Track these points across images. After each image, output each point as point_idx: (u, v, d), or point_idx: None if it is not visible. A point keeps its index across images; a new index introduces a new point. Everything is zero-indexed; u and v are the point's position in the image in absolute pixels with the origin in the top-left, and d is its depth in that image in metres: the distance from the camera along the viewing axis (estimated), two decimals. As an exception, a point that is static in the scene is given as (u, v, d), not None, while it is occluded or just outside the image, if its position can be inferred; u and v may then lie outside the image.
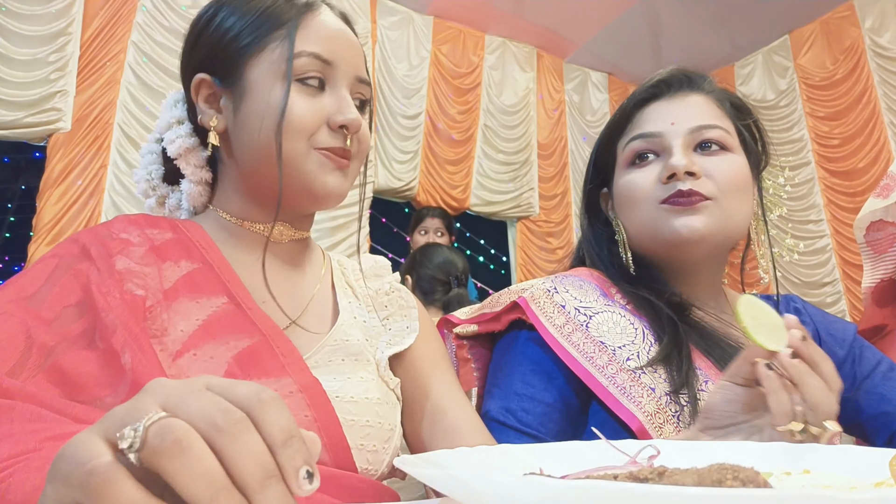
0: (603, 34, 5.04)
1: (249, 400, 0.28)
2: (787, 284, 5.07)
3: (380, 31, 4.42)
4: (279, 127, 0.63)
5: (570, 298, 0.74)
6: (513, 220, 5.04)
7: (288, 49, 0.65)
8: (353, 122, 0.66)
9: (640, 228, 0.78)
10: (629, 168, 0.79)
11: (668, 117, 0.77)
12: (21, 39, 3.21)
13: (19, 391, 0.46)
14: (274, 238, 0.71)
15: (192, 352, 0.57)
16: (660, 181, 0.75)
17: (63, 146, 3.31)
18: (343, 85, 0.67)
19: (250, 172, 0.68)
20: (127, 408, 0.28)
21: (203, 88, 0.69)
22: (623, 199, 0.80)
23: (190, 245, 0.66)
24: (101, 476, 0.25)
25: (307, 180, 0.65)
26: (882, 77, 4.51)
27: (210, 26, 0.70)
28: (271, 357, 0.60)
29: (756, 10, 4.76)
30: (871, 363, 0.82)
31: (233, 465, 0.26)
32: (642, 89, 0.82)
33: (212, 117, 0.68)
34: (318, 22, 0.67)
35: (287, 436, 0.27)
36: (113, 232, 0.65)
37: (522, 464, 0.42)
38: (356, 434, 0.61)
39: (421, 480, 0.31)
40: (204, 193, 0.73)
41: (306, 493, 0.26)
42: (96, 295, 0.56)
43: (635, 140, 0.78)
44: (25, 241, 3.31)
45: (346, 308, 0.72)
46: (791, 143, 5.06)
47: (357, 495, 0.58)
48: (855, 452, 0.41)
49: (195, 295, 0.62)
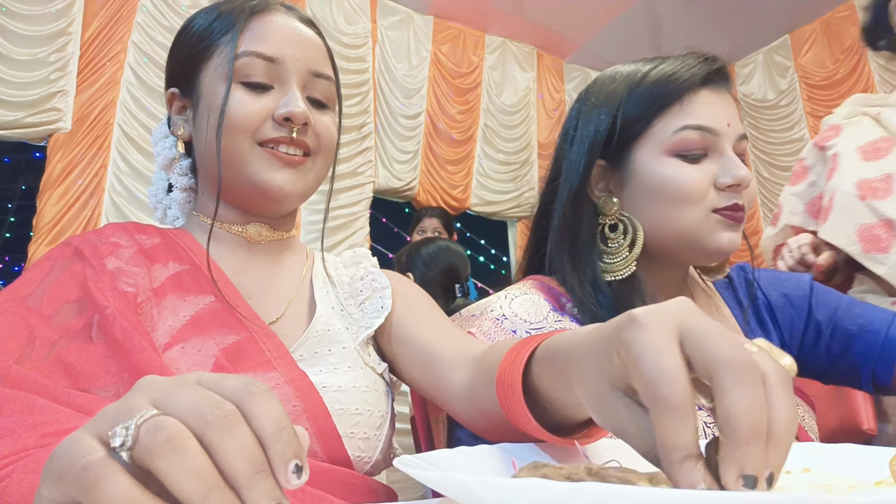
0: (603, 34, 5.04)
1: (239, 392, 0.28)
2: (787, 284, 5.07)
3: (380, 31, 4.42)
4: (219, 128, 0.64)
5: (520, 322, 0.70)
6: (513, 220, 5.03)
7: (231, 50, 0.66)
8: (296, 114, 0.64)
9: (669, 235, 0.71)
10: (675, 158, 0.70)
11: (723, 115, 0.70)
12: (21, 39, 3.21)
13: (25, 378, 0.47)
14: (252, 239, 0.72)
15: (180, 345, 0.58)
16: (714, 186, 0.70)
17: (63, 146, 3.31)
18: (292, 81, 0.67)
19: (209, 175, 0.69)
20: (119, 406, 0.28)
21: (175, 101, 0.73)
22: (660, 192, 0.70)
23: (177, 248, 0.68)
24: (96, 471, 0.25)
25: (254, 178, 0.65)
26: (882, 77, 4.51)
27: (178, 41, 0.73)
28: (257, 352, 0.61)
29: (756, 10, 4.76)
30: (830, 306, 0.81)
31: (222, 460, 0.26)
32: (698, 68, 0.71)
33: (180, 127, 0.72)
34: (266, 22, 0.68)
35: (277, 427, 0.27)
36: (102, 237, 0.67)
37: (523, 463, 0.42)
38: (346, 422, 0.61)
39: (420, 481, 0.31)
40: (190, 200, 0.76)
41: (294, 487, 0.26)
42: (94, 291, 0.57)
43: (690, 130, 0.69)
44: (26, 241, 3.31)
45: (324, 299, 0.72)
46: (791, 143, 5.06)
47: (350, 491, 0.58)
48: (855, 452, 0.41)
49: (183, 293, 0.63)
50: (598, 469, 0.31)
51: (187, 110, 0.72)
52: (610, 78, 0.77)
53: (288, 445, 0.27)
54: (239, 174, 0.66)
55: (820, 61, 4.89)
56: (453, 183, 4.61)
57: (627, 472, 0.31)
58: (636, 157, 0.72)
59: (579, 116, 0.78)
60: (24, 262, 3.32)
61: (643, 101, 0.72)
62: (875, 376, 0.76)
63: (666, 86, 0.71)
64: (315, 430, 0.59)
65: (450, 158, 4.62)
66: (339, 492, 0.57)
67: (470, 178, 4.70)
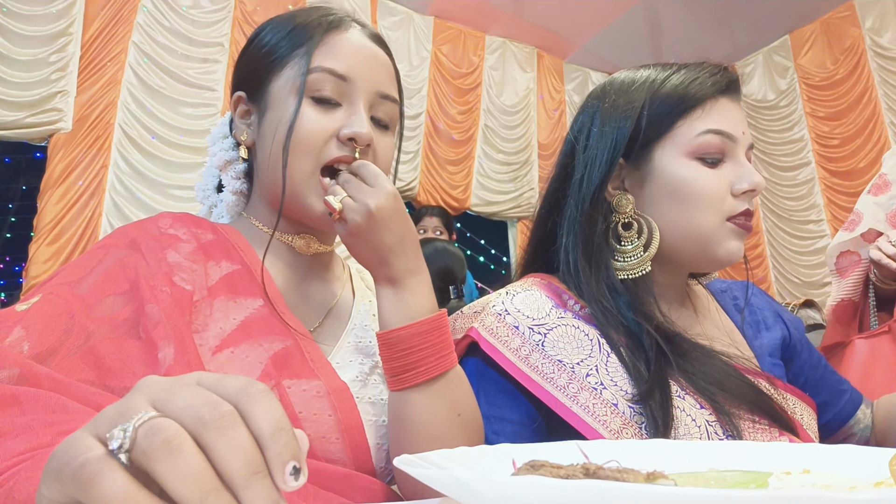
0: (603, 34, 5.04)
1: (238, 393, 0.28)
2: (787, 284, 5.07)
3: (380, 32, 4.42)
4: (286, 142, 0.64)
5: (522, 318, 0.70)
6: (513, 220, 5.04)
7: (304, 64, 0.66)
8: (361, 135, 0.65)
9: (687, 233, 0.72)
10: (696, 162, 0.71)
11: (739, 123, 0.73)
12: (22, 40, 3.22)
13: (46, 377, 0.46)
14: (300, 249, 0.73)
15: (230, 349, 0.59)
16: (730, 192, 0.71)
17: (64, 146, 3.31)
18: (360, 101, 0.67)
19: (268, 183, 0.69)
20: (118, 407, 0.28)
21: (240, 105, 0.73)
22: (680, 194, 0.71)
23: (229, 247, 0.68)
24: (93, 466, 0.25)
25: (308, 207, 0.66)
26: (882, 77, 4.51)
27: (251, 44, 0.73)
28: (301, 360, 0.62)
29: (756, 10, 4.76)
30: (810, 353, 0.87)
31: (219, 461, 0.26)
32: (719, 76, 0.74)
33: (243, 132, 0.72)
34: (341, 39, 0.68)
35: (275, 428, 0.27)
36: (161, 227, 0.67)
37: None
38: (374, 434, 0.63)
39: (421, 480, 0.31)
40: (239, 203, 0.76)
41: (291, 489, 0.26)
42: (144, 287, 0.57)
43: (713, 134, 0.71)
44: (26, 241, 3.31)
45: (364, 310, 0.75)
46: (791, 143, 5.06)
47: (369, 496, 0.59)
48: (855, 452, 0.41)
49: (234, 295, 0.63)
50: (597, 468, 0.31)
51: (252, 116, 0.72)
52: (630, 79, 0.78)
53: (286, 447, 0.27)
54: (296, 198, 0.66)
55: (820, 61, 4.89)
56: (453, 183, 4.61)
57: (626, 472, 0.31)
58: (657, 158, 0.73)
59: (596, 115, 0.78)
60: (24, 263, 3.32)
61: (669, 102, 0.73)
62: (819, 428, 0.80)
63: (690, 89, 0.73)
64: (347, 442, 0.60)
65: (450, 159, 4.62)
66: (356, 496, 0.58)
67: (470, 178, 4.71)
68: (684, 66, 0.76)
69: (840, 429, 0.84)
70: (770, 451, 0.44)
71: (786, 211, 5.11)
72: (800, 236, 5.02)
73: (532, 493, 0.26)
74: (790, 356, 0.85)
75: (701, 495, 0.24)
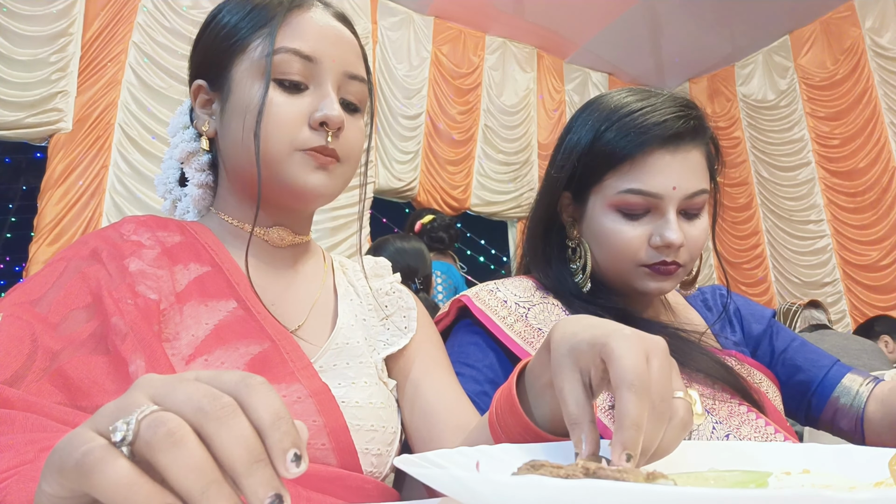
0: (603, 34, 5.05)
1: (236, 385, 0.28)
2: (787, 285, 5.07)
3: (380, 32, 4.43)
4: (257, 128, 0.61)
5: (510, 294, 0.81)
6: (513, 220, 5.04)
7: (268, 46, 0.63)
8: (333, 119, 0.63)
9: (610, 270, 0.80)
10: (616, 215, 0.77)
11: (671, 179, 0.74)
12: (22, 40, 3.22)
13: (19, 400, 0.45)
14: (274, 242, 0.70)
15: (203, 357, 0.56)
16: (647, 244, 0.76)
17: (64, 146, 3.32)
18: (328, 82, 0.65)
19: (238, 174, 0.67)
20: (119, 403, 0.28)
21: (200, 94, 0.69)
22: (601, 239, 0.79)
23: (199, 247, 0.66)
24: (96, 455, 0.25)
25: (289, 181, 0.64)
26: (882, 77, 4.51)
27: (206, 30, 0.69)
28: (281, 363, 0.59)
29: (756, 10, 4.77)
30: (786, 339, 0.91)
31: (220, 450, 0.26)
32: (662, 127, 0.74)
33: (205, 122, 0.68)
34: (304, 18, 0.65)
35: (275, 417, 0.27)
36: (123, 234, 0.64)
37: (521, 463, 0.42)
38: (362, 438, 0.61)
39: (421, 480, 0.31)
40: (206, 197, 0.73)
41: (293, 476, 0.26)
42: (107, 299, 0.55)
43: (633, 194, 0.75)
44: (26, 241, 3.32)
45: (347, 309, 0.72)
46: (791, 143, 5.06)
47: (362, 495, 0.59)
48: (855, 452, 0.41)
49: (206, 298, 0.61)
50: (596, 468, 0.31)
51: (213, 104, 0.68)
52: (593, 112, 0.81)
53: (286, 435, 0.27)
54: (274, 177, 0.64)
55: (820, 62, 4.89)
56: (453, 183, 4.61)
57: (626, 472, 0.31)
58: (591, 201, 0.81)
59: (564, 140, 0.84)
60: (24, 263, 3.32)
61: (601, 155, 0.78)
62: (809, 408, 0.85)
63: (620, 144, 0.76)
64: (334, 446, 0.58)
65: (450, 159, 4.62)
66: (349, 496, 0.57)
67: (470, 178, 4.71)
68: (646, 102, 0.77)
69: (827, 401, 0.84)
70: (770, 451, 0.44)
71: (786, 211, 5.11)
72: (800, 236, 5.02)
73: (532, 493, 0.27)
74: (756, 345, 0.91)
75: (701, 495, 0.24)
